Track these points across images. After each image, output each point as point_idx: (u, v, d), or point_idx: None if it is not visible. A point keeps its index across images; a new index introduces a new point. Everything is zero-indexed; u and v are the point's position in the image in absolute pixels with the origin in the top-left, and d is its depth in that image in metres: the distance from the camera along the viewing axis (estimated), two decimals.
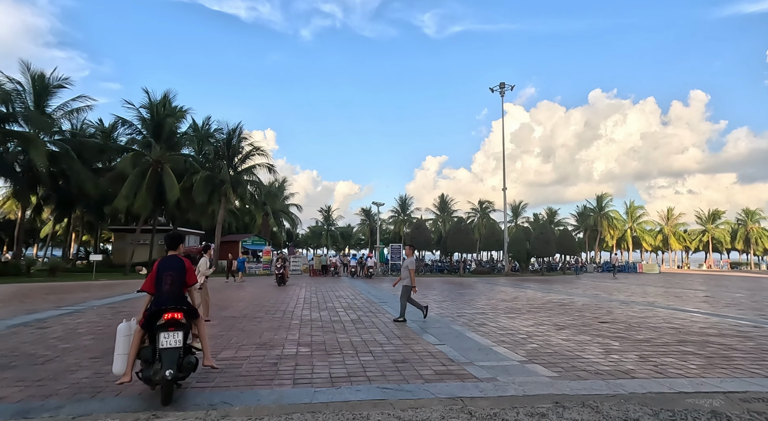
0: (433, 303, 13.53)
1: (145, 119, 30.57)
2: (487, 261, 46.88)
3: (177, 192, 29.31)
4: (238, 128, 31.47)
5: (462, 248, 33.42)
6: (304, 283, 23.63)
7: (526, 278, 32.38)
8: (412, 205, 79.55)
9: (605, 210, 71.67)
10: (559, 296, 16.61)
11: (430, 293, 17.64)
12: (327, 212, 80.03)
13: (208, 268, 9.89)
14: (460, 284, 23.41)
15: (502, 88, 37.96)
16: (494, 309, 12.22)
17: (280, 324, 9.37)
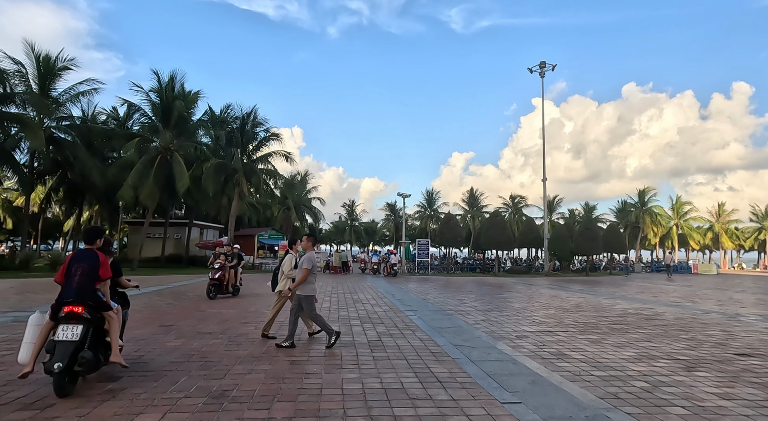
0: (478, 313, 10.47)
1: (154, 104, 28.43)
2: (523, 259, 43.16)
3: (187, 181, 27.03)
4: (253, 112, 28.98)
5: (497, 244, 30.08)
6: (321, 282, 20.91)
7: (570, 278, 28.79)
8: (439, 200, 76.30)
9: (648, 205, 66.54)
10: (631, 303, 13.25)
11: (467, 297, 14.56)
12: (351, 206, 77.54)
13: (292, 267, 7.48)
14: (499, 286, 20.20)
15: (542, 68, 34.19)
16: (561, 324, 9.07)
17: (265, 350, 6.56)
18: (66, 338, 4.22)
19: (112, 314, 4.69)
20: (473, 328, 8.45)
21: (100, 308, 4.56)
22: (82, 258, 4.59)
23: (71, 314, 4.32)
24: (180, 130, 29.40)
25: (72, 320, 4.33)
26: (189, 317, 9.49)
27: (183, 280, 20.31)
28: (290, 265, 7.46)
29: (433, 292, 16.40)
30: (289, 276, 7.39)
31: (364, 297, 14.17)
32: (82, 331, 4.31)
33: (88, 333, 4.42)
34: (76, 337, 4.25)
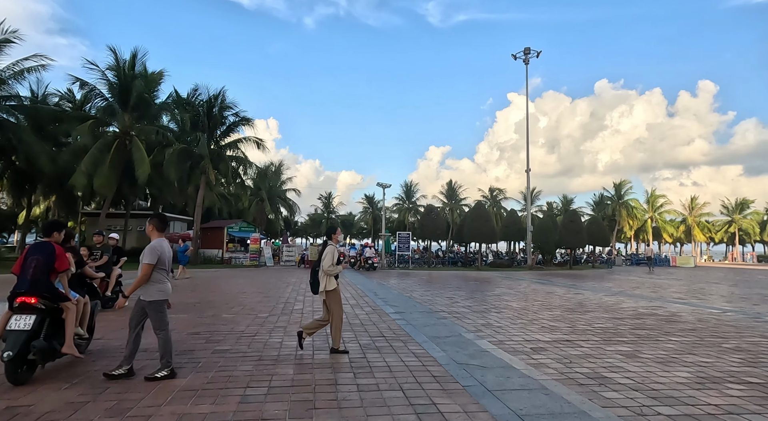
0: (475, 316, 8.99)
1: (111, 84, 25.86)
2: (504, 252, 42.29)
3: (147, 168, 24.73)
4: (221, 95, 26.70)
5: (480, 237, 28.89)
6: (295, 277, 19.20)
7: (554, 272, 27.89)
8: (417, 192, 75.09)
9: (624, 199, 67.03)
10: (636, 301, 12.08)
11: (457, 294, 13.13)
12: (327, 199, 75.53)
13: (334, 262, 5.90)
14: (487, 282, 18.92)
15: (527, 55, 33.07)
16: (576, 330, 7.69)
17: (221, 372, 4.90)
18: (18, 328, 4.34)
19: (69, 305, 4.78)
20: (476, 337, 6.99)
21: (57, 299, 4.67)
22: (37, 251, 4.70)
23: (24, 305, 4.47)
24: (141, 113, 26.96)
25: (25, 310, 4.46)
26: None
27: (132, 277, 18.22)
28: (332, 259, 5.89)
29: (418, 289, 14.95)
30: (330, 273, 5.89)
31: (343, 295, 12.57)
32: (35, 321, 4.43)
33: (43, 323, 4.53)
34: (28, 327, 4.38)
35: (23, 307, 4.46)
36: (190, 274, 18.41)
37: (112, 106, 26.00)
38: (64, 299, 4.76)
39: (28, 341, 4.33)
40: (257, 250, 28.16)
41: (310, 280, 6.26)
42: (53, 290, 4.68)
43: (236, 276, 19.58)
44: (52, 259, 4.68)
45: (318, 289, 6.02)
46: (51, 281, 4.70)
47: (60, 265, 4.74)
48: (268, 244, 36.82)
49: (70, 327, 4.76)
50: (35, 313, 4.48)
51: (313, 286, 6.16)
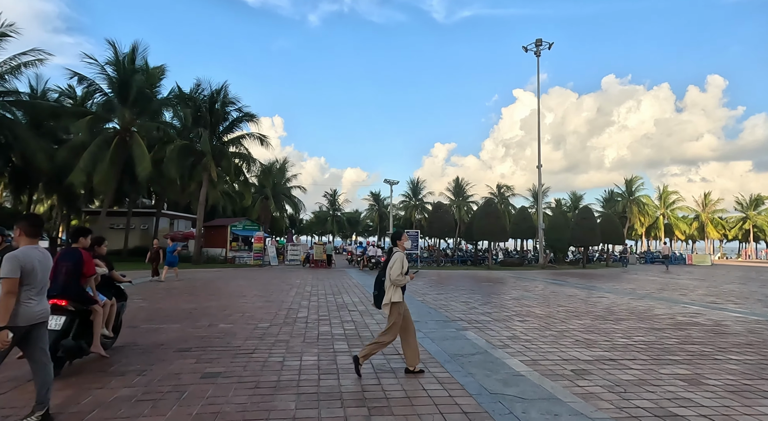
0: (498, 326, 8.09)
1: (111, 78, 25.13)
2: (515, 250, 41.24)
3: (148, 165, 24.02)
4: (223, 89, 25.88)
5: (491, 235, 27.93)
6: (299, 278, 18.40)
7: (568, 271, 26.92)
8: (424, 189, 74.12)
9: (635, 195, 65.77)
10: (668, 305, 11.12)
11: (472, 298, 12.23)
12: (333, 196, 74.74)
13: (404, 271, 5.13)
14: (501, 283, 18.00)
15: (538, 47, 31.96)
16: (616, 345, 6.78)
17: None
18: (50, 328, 4.41)
19: (97, 308, 5.15)
20: (505, 354, 6.11)
21: (86, 302, 5.04)
22: (67, 257, 5.03)
23: (55, 307, 4.74)
24: (141, 108, 26.26)
25: (56, 311, 4.74)
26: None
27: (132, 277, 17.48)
28: (401, 267, 5.12)
29: (430, 291, 14.08)
30: (399, 283, 5.11)
31: (349, 300, 11.75)
32: (64, 322, 4.79)
33: (72, 324, 4.91)
34: (59, 327, 4.73)
35: (55, 309, 4.71)
36: (179, 276, 17.13)
37: (111, 102, 25.31)
38: (93, 302, 5.16)
39: (58, 340, 4.70)
40: (261, 249, 27.40)
41: (375, 292, 5.37)
42: (82, 294, 5.07)
43: (238, 277, 18.80)
44: (80, 265, 5.01)
45: (381, 302, 5.20)
46: (81, 285, 5.09)
47: (87, 270, 5.09)
48: (273, 242, 36.12)
49: (97, 328, 5.20)
50: (65, 314, 4.84)
51: (378, 299, 5.28)
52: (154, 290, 13.57)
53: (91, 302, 5.15)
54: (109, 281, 6.08)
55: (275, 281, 16.91)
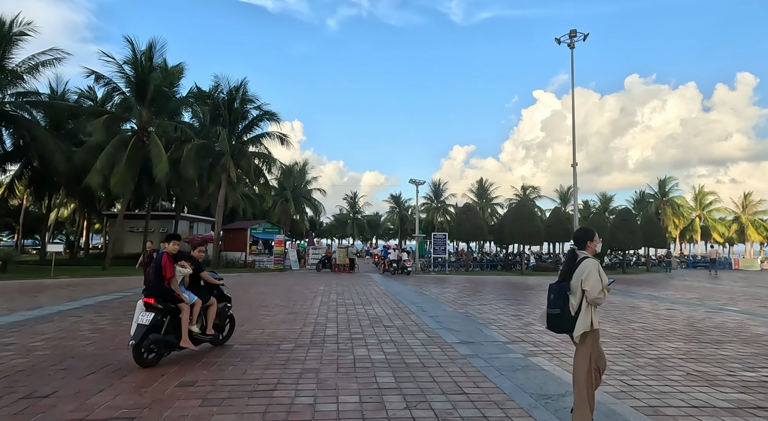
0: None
1: (128, 77, 24.37)
2: (548, 254, 39.20)
3: (165, 166, 23.12)
4: (242, 87, 24.87)
5: (524, 237, 26.17)
6: (323, 284, 17.09)
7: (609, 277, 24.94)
8: (446, 191, 72.35)
9: (669, 196, 62.80)
10: (763, 323, 9.37)
11: (522, 310, 10.66)
12: (353, 199, 73.63)
13: (605, 286, 3.73)
14: (544, 290, 16.31)
15: (572, 38, 30.04)
16: (748, 385, 5.18)
17: None
18: (141, 322, 5.30)
19: (182, 306, 5.62)
20: (606, 395, 4.58)
21: (172, 301, 5.56)
22: (155, 260, 5.62)
23: (147, 304, 5.46)
24: (159, 107, 25.43)
25: (148, 308, 5.44)
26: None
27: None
28: (600, 281, 3.67)
29: (469, 301, 12.56)
30: (598, 302, 3.64)
31: (382, 312, 10.34)
32: (153, 318, 5.33)
33: (162, 320, 5.44)
34: (147, 322, 5.29)
35: (146, 306, 5.42)
36: None
37: (128, 101, 24.55)
38: (178, 301, 5.58)
39: (147, 333, 5.23)
40: (282, 253, 26.26)
41: (553, 309, 3.77)
42: (166, 293, 5.52)
43: (258, 283, 17.60)
44: (160, 268, 5.49)
45: (571, 326, 3.68)
46: (165, 285, 5.54)
47: (165, 273, 5.51)
48: (294, 246, 35.06)
49: (184, 324, 5.61)
50: (154, 311, 5.37)
51: (559, 321, 3.74)
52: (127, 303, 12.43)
53: (177, 301, 5.59)
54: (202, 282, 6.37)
55: (297, 288, 15.62)
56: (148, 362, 5.34)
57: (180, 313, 5.59)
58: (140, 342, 5.21)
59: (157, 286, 5.50)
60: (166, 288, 5.53)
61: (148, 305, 5.42)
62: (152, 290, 5.49)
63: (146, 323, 5.27)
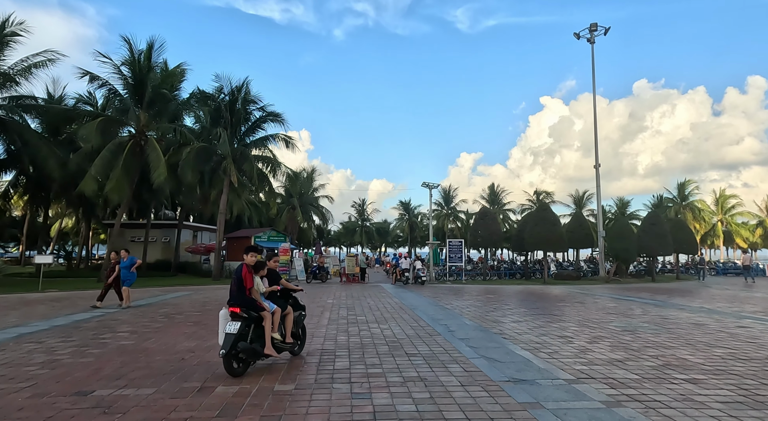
0: (682, 400, 4.84)
1: (126, 79, 23.17)
2: (567, 262, 37.24)
3: (164, 171, 21.79)
4: (244, 86, 23.52)
5: (546, 244, 24.39)
6: (331, 297, 15.49)
7: (638, 286, 23.07)
8: (457, 197, 70.66)
9: (689, 200, 60.60)
10: None
11: (564, 327, 8.95)
12: (361, 206, 72.13)
13: None
14: (579, 302, 14.55)
15: (592, 33, 28.53)
16: None
17: None
18: (228, 331, 5.40)
19: (265, 314, 5.79)
20: None
21: (255, 309, 5.72)
22: (235, 272, 5.89)
23: (232, 313, 5.58)
24: (158, 110, 24.19)
25: (233, 317, 5.55)
26: None
27: (147, 296, 14.92)
28: None
29: (502, 318, 10.87)
30: None
31: (401, 332, 8.70)
32: (239, 327, 5.44)
33: (247, 328, 5.56)
34: (234, 331, 5.39)
35: (232, 315, 5.60)
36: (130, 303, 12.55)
37: (125, 103, 23.31)
38: (260, 309, 5.78)
39: (236, 342, 5.38)
40: (287, 262, 24.72)
41: None
42: (249, 303, 5.74)
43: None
44: (241, 279, 5.76)
45: None
46: (247, 295, 5.78)
47: (246, 283, 5.77)
48: (301, 255, 33.55)
49: (267, 333, 5.81)
50: (239, 320, 5.52)
51: None
52: (137, 318, 10.89)
53: (259, 309, 5.74)
54: (284, 292, 6.60)
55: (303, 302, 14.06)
56: (237, 372, 5.44)
57: (263, 321, 5.76)
58: (230, 351, 5.30)
59: (239, 296, 5.71)
60: (248, 297, 5.75)
61: (234, 314, 5.56)
62: (236, 300, 5.68)
63: (234, 332, 5.37)
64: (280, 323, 6.18)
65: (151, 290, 18.60)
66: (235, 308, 5.58)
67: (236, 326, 5.41)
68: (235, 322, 5.46)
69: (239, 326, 5.41)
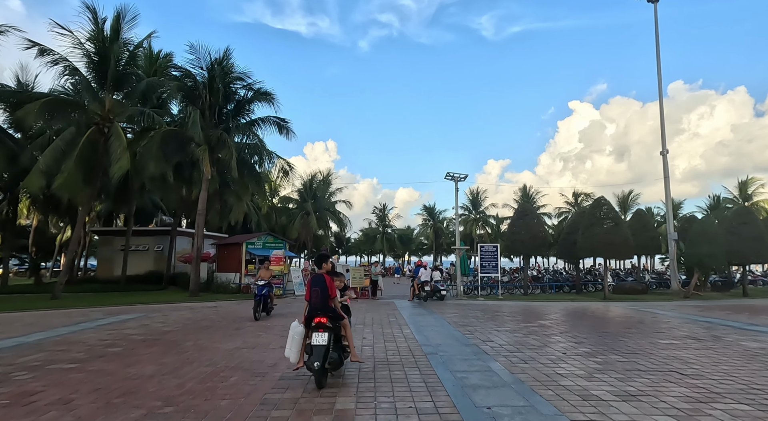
0: None
1: (89, 54, 19.27)
2: (625, 271, 31.27)
3: (126, 163, 17.69)
4: (225, 58, 19.13)
5: (610, 250, 18.89)
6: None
7: (730, 303, 17.48)
8: (486, 200, 65.12)
9: (753, 200, 53.31)
10: None
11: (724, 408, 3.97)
12: (382, 211, 67.34)
13: None
14: (689, 334, 9.27)
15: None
16: None
17: None
18: (318, 343, 5.39)
19: (345, 322, 5.96)
20: None
21: (337, 319, 5.77)
22: (317, 282, 5.78)
23: (320, 324, 5.53)
24: (125, 91, 20.22)
25: (320, 328, 5.51)
26: None
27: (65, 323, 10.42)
28: None
29: (589, 383, 5.84)
30: None
31: (423, 409, 3.88)
32: (328, 337, 5.47)
33: (331, 339, 5.53)
34: (325, 342, 5.41)
35: (319, 326, 5.51)
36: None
37: (85, 83, 19.36)
38: (341, 318, 5.87)
39: (327, 353, 5.37)
40: (279, 274, 20.20)
41: None
42: (334, 312, 5.76)
43: (225, 322, 11.44)
44: (326, 288, 5.72)
45: None
46: (330, 305, 5.75)
47: (331, 292, 5.78)
48: (308, 264, 29.01)
49: (350, 340, 6.00)
50: (327, 330, 5.51)
51: None
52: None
53: (340, 318, 5.84)
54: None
55: (269, 335, 9.36)
56: (324, 383, 5.41)
57: (341, 331, 5.82)
58: (324, 364, 5.26)
59: (325, 306, 5.66)
60: (332, 307, 5.74)
61: (321, 325, 5.50)
62: (324, 310, 5.63)
63: (324, 343, 5.38)
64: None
65: (92, 311, 14.29)
66: (324, 318, 5.55)
67: (325, 336, 5.44)
68: (323, 333, 5.47)
69: (327, 337, 5.45)
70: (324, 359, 5.24)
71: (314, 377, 5.35)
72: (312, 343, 5.40)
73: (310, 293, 5.76)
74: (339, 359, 5.62)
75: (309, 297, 5.78)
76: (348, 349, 6.00)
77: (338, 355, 5.60)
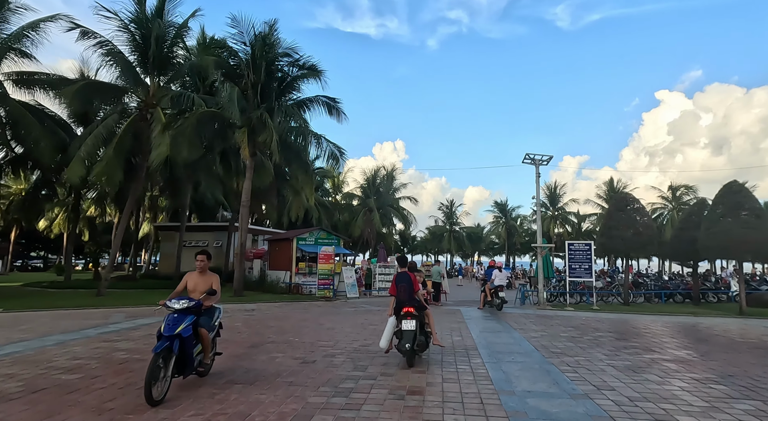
0: None
1: (134, 37, 18.21)
2: (756, 276, 25.44)
3: (165, 150, 16.24)
4: (272, 33, 17.06)
5: (747, 249, 14.34)
6: (364, 335, 8.07)
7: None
8: (565, 195, 59.10)
9: None
10: None
11: None
12: (449, 208, 63.63)
13: None
14: None
15: None
16: None
17: None
18: (408, 328, 6.44)
19: (428, 312, 7.00)
20: None
21: (421, 309, 6.79)
22: (403, 279, 6.90)
23: (408, 313, 6.57)
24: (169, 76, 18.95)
25: (408, 316, 6.55)
26: None
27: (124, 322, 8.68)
28: None
29: None
30: None
31: None
32: (416, 323, 6.51)
33: (418, 325, 6.56)
34: (413, 327, 6.45)
35: (407, 314, 6.54)
36: None
37: (130, 68, 18.28)
38: (425, 308, 6.91)
39: (415, 337, 6.40)
40: (329, 273, 17.83)
41: None
42: (419, 302, 6.80)
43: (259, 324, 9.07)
44: (411, 283, 6.85)
45: None
46: (415, 297, 6.79)
47: (415, 286, 6.88)
48: (365, 263, 26.60)
49: (433, 327, 7.07)
50: (414, 318, 6.52)
51: None
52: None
53: (424, 308, 6.86)
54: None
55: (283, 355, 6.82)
56: (413, 363, 6.40)
57: (425, 319, 6.88)
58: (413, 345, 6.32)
59: (411, 297, 6.73)
60: (417, 299, 6.78)
61: (409, 314, 6.51)
62: (410, 301, 6.69)
63: (413, 328, 6.43)
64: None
65: (117, 312, 12.76)
66: (411, 308, 6.57)
67: (413, 323, 6.45)
68: (411, 320, 6.47)
69: (415, 323, 6.47)
70: (413, 342, 6.34)
71: (405, 357, 6.39)
72: (402, 328, 6.48)
73: (397, 288, 6.88)
74: (425, 342, 6.76)
75: (396, 292, 6.88)
76: (431, 334, 7.02)
77: (424, 338, 6.75)
